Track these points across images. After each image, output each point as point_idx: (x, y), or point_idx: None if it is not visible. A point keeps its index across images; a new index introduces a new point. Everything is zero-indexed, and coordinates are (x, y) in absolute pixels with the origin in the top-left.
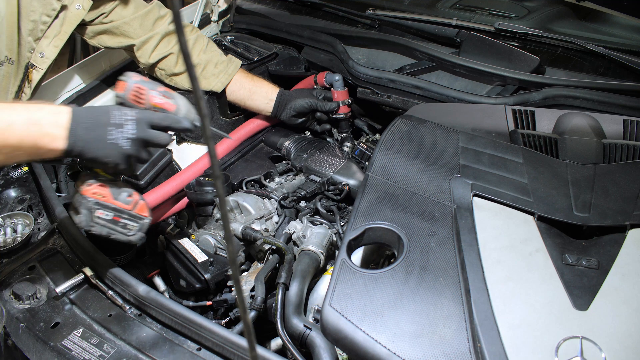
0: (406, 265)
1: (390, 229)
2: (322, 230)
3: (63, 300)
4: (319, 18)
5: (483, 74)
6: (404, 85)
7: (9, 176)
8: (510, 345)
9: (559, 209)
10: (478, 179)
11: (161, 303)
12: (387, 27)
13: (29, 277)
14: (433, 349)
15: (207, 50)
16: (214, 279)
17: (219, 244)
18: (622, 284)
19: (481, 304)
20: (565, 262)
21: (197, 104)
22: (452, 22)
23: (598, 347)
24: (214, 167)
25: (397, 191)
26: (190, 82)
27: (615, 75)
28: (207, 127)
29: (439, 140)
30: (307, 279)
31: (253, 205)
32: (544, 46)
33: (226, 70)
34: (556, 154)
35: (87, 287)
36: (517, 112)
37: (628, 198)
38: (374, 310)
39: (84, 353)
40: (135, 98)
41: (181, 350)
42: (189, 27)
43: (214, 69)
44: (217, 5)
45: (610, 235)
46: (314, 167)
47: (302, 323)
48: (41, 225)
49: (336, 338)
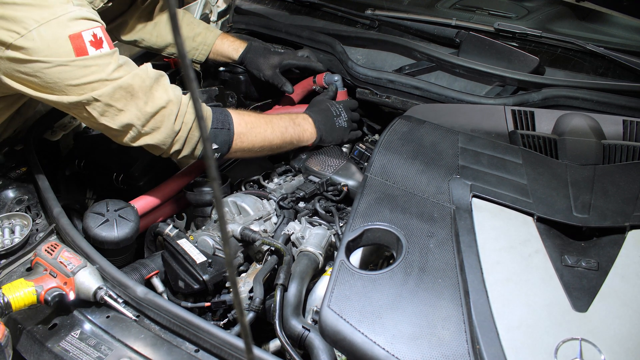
0: (405, 267)
1: (389, 230)
2: (320, 231)
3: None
4: (318, 18)
5: (482, 74)
6: (403, 85)
7: (7, 177)
8: (509, 347)
9: (558, 210)
10: (477, 180)
11: (159, 304)
12: (387, 28)
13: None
14: (432, 350)
15: (182, 25)
16: (212, 280)
17: (217, 245)
18: (621, 285)
19: (480, 306)
20: (564, 264)
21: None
22: (452, 23)
23: (597, 349)
24: (210, 169)
25: (396, 192)
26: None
27: (615, 76)
28: (203, 129)
29: (438, 140)
30: (306, 280)
31: (252, 206)
32: (543, 46)
33: (204, 42)
34: (556, 155)
35: None
36: (517, 113)
37: (628, 199)
38: (372, 311)
39: (81, 355)
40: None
41: (179, 352)
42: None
43: (192, 42)
44: (216, 6)
45: (610, 237)
46: (313, 168)
47: (300, 324)
48: (39, 226)
49: (334, 339)
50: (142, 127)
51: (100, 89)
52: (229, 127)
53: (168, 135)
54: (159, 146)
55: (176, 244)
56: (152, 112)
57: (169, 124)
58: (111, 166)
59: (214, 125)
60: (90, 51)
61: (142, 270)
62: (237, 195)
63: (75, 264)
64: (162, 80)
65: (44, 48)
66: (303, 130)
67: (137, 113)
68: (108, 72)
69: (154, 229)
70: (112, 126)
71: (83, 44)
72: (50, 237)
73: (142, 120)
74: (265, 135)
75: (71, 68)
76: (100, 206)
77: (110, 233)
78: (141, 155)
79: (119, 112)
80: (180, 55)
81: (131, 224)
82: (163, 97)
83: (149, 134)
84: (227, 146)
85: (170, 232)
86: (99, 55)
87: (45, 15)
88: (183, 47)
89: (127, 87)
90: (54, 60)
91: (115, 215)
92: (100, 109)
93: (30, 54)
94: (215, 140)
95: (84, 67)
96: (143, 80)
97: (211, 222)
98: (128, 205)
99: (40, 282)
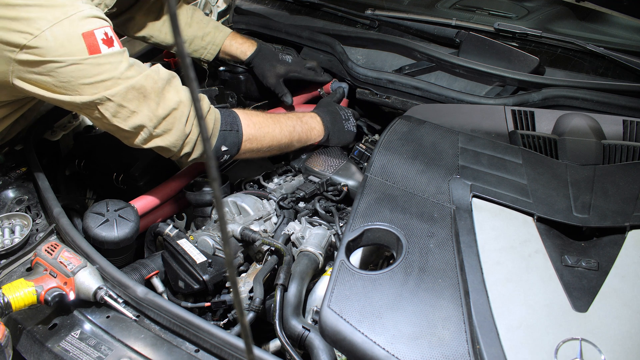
0: (405, 267)
1: (389, 230)
2: (321, 231)
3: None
4: (318, 18)
5: (482, 74)
6: (403, 85)
7: (7, 177)
8: (509, 347)
9: (558, 210)
10: (477, 180)
11: (159, 304)
12: (387, 28)
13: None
14: (432, 350)
15: (192, 23)
16: (212, 280)
17: (217, 245)
18: (621, 285)
19: (480, 306)
20: (564, 264)
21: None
22: (452, 23)
23: (597, 349)
24: (210, 169)
25: (396, 192)
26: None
27: (615, 76)
28: (203, 129)
29: (438, 141)
30: (306, 280)
31: (252, 206)
32: (543, 46)
33: (213, 41)
34: (556, 155)
35: None
36: (517, 113)
37: (628, 199)
38: (372, 311)
39: (81, 355)
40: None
41: (179, 352)
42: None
43: (201, 41)
44: (216, 6)
45: (610, 237)
46: (313, 168)
47: (300, 324)
48: (39, 226)
49: (335, 340)
50: (154, 128)
51: (114, 88)
52: (237, 129)
53: (179, 137)
54: (169, 148)
55: (176, 244)
56: (164, 114)
57: (180, 126)
58: (111, 166)
59: (222, 127)
60: (102, 49)
61: (142, 270)
62: (237, 195)
63: (75, 264)
64: (174, 81)
65: (58, 47)
66: (311, 129)
67: (150, 114)
68: (121, 70)
69: (154, 229)
70: (124, 127)
71: (96, 42)
72: (50, 237)
73: (154, 122)
74: (274, 134)
75: (84, 66)
76: (100, 206)
77: (110, 233)
78: (141, 156)
79: (131, 113)
80: (180, 55)
81: (131, 224)
82: (174, 98)
83: (160, 136)
84: (237, 148)
85: (170, 232)
86: (111, 53)
87: (58, 14)
88: (183, 47)
89: (139, 88)
90: (68, 59)
91: (115, 215)
92: (113, 109)
93: (43, 54)
94: (225, 142)
95: (97, 65)
96: (155, 82)
97: (211, 222)
98: (128, 205)
99: (40, 282)
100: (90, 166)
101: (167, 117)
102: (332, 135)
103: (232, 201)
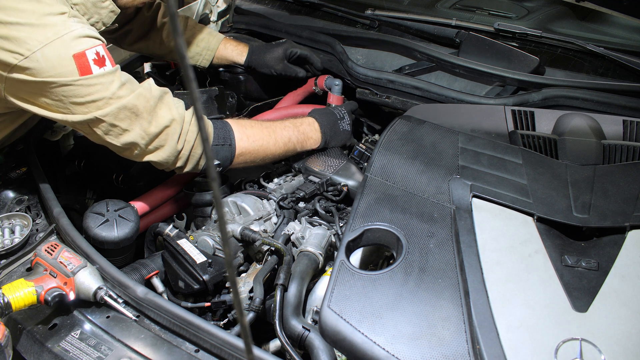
0: (405, 267)
1: (389, 230)
2: (321, 231)
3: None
4: (318, 18)
5: (482, 74)
6: (403, 85)
7: (7, 177)
8: (509, 347)
9: (558, 210)
10: (477, 180)
11: (159, 304)
12: (387, 28)
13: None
14: (432, 350)
15: (186, 30)
16: (212, 280)
17: (217, 245)
18: (621, 285)
19: (480, 306)
20: (564, 264)
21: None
22: (452, 23)
23: (597, 349)
24: (210, 169)
25: (396, 192)
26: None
27: (615, 76)
28: (202, 128)
29: (438, 141)
30: (306, 280)
31: (252, 206)
32: (543, 46)
33: (208, 46)
34: (556, 155)
35: None
36: (517, 113)
37: (628, 199)
38: (372, 311)
39: (81, 355)
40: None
41: (179, 352)
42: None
43: (196, 47)
44: (216, 6)
45: (610, 237)
46: (313, 168)
47: (300, 324)
48: (39, 226)
49: (335, 340)
50: (146, 146)
51: (105, 108)
52: (230, 143)
53: (171, 153)
54: (162, 163)
55: (176, 244)
56: (156, 131)
57: (172, 142)
58: (111, 166)
59: (215, 142)
60: (94, 70)
61: (142, 270)
62: (237, 196)
63: (75, 264)
64: (165, 98)
65: (49, 68)
66: (307, 138)
67: (142, 133)
68: (112, 90)
69: (154, 229)
70: (116, 144)
71: (87, 63)
72: (50, 237)
73: (147, 140)
74: (268, 147)
75: (76, 87)
76: (100, 206)
77: (110, 233)
78: None
79: (123, 131)
80: (179, 55)
81: (131, 224)
82: (166, 116)
83: (153, 152)
84: (229, 161)
85: (170, 232)
86: (102, 74)
87: (49, 35)
88: (182, 47)
89: (131, 108)
90: (59, 80)
91: (115, 215)
92: (105, 128)
93: (34, 75)
94: (217, 157)
95: (89, 85)
96: (147, 100)
97: (211, 222)
98: (128, 205)
99: (40, 282)
100: (90, 166)
101: (160, 135)
102: (330, 139)
103: (232, 201)
